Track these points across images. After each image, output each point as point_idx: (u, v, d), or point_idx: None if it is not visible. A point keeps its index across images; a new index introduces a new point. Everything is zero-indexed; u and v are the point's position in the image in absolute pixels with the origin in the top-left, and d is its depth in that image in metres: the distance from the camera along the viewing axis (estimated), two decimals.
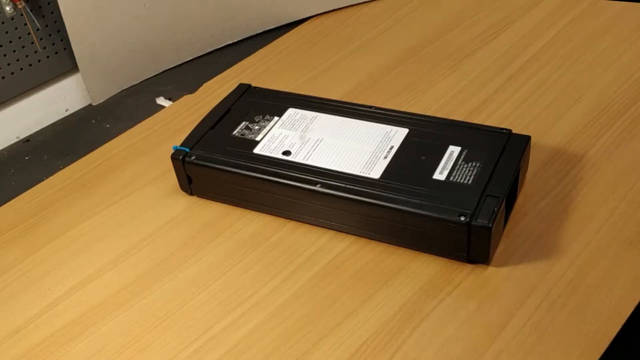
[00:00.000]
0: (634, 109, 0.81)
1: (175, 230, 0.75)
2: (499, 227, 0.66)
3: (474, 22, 1.01)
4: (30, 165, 0.90)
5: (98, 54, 0.96)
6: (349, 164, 0.71)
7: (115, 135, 0.92)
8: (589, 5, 1.00)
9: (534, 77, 0.89)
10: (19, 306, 0.70)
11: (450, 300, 0.64)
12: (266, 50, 1.03)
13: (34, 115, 0.96)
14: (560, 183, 0.74)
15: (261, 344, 0.62)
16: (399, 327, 0.62)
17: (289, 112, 0.80)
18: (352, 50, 1.00)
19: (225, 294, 0.67)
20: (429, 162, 0.70)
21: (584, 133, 0.79)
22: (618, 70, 0.88)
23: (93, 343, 0.65)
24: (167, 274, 0.70)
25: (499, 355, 0.59)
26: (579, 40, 0.94)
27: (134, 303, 0.68)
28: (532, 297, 0.63)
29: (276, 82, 0.94)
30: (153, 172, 0.84)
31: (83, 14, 0.93)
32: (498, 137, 0.72)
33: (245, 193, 0.74)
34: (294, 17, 1.08)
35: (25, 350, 0.65)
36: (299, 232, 0.73)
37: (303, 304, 0.65)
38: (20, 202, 0.83)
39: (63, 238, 0.77)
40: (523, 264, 0.66)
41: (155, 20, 0.99)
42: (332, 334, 0.62)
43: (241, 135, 0.77)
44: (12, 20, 0.90)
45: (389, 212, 0.67)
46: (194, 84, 0.99)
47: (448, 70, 0.93)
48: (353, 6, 1.09)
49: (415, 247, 0.68)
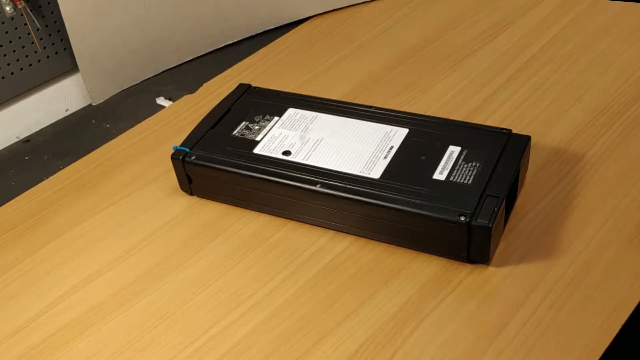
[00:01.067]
0: (634, 109, 0.81)
1: (175, 230, 0.75)
2: (499, 227, 0.66)
3: (474, 22, 1.01)
4: (30, 165, 0.90)
5: (98, 54, 0.96)
6: (349, 164, 0.71)
7: (115, 135, 0.92)
8: (589, 5, 1.00)
9: (534, 77, 0.89)
10: (19, 306, 0.70)
11: (450, 300, 0.64)
12: (266, 50, 1.03)
13: (34, 115, 0.96)
14: (560, 183, 0.74)
15: (261, 344, 0.62)
16: (399, 327, 0.62)
17: (289, 112, 0.80)
18: (352, 50, 1.00)
19: (225, 294, 0.67)
20: (429, 162, 0.70)
21: (584, 133, 0.79)
22: (618, 70, 0.88)
23: (93, 343, 0.65)
24: (167, 274, 0.70)
25: (499, 355, 0.59)
26: (579, 40, 0.94)
27: (134, 303, 0.68)
28: (532, 297, 0.63)
29: (276, 82, 0.94)
30: (153, 172, 0.84)
31: (83, 14, 0.93)
32: (498, 137, 0.72)
33: (245, 193, 0.74)
34: (294, 17, 1.08)
35: (25, 350, 0.65)
36: (299, 232, 0.73)
37: (303, 304, 0.65)
38: (20, 202, 0.83)
39: (63, 238, 0.77)
40: (523, 264, 0.66)
41: (155, 20, 0.99)
42: (332, 334, 0.62)
43: (241, 135, 0.77)
44: (12, 20, 0.89)
45: (389, 212, 0.67)
46: (194, 84, 0.99)
47: (448, 70, 0.92)
48: (353, 6, 1.09)
49: (415, 247, 0.68)
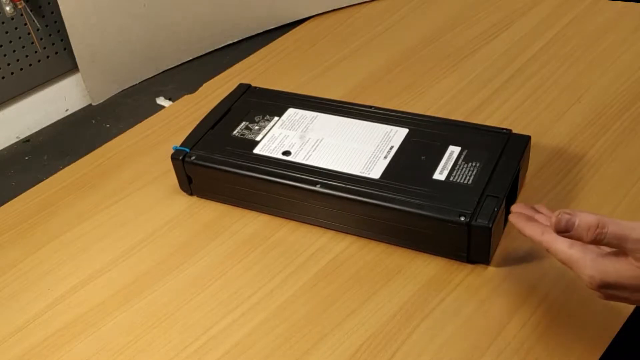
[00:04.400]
0: (634, 109, 0.81)
1: (175, 230, 0.75)
2: (499, 227, 0.66)
3: (474, 22, 1.01)
4: (30, 165, 0.90)
5: (98, 54, 0.96)
6: (348, 164, 0.71)
7: (115, 135, 0.92)
8: (589, 5, 1.00)
9: (534, 77, 0.89)
10: (19, 306, 0.70)
11: (450, 300, 0.64)
12: (266, 50, 1.03)
13: (34, 115, 0.96)
14: (560, 183, 0.74)
15: (261, 344, 0.62)
16: (399, 327, 0.62)
17: (289, 112, 0.80)
18: (352, 50, 1.00)
19: (225, 294, 0.67)
20: (429, 162, 0.70)
21: (584, 133, 0.79)
22: (618, 70, 0.88)
23: (93, 343, 0.65)
24: (167, 274, 0.70)
25: (499, 355, 0.59)
26: (579, 40, 0.94)
27: (134, 303, 0.68)
28: (532, 297, 0.63)
29: (276, 82, 0.94)
30: (153, 172, 0.83)
31: (83, 14, 0.93)
32: (498, 137, 0.72)
33: (245, 193, 0.74)
34: (294, 17, 1.08)
35: (25, 350, 0.65)
36: (299, 232, 0.73)
37: (303, 304, 0.65)
38: (20, 202, 0.83)
39: (63, 238, 0.77)
40: (523, 264, 0.66)
41: (155, 20, 0.99)
42: (332, 334, 0.62)
43: (241, 135, 0.77)
44: (12, 20, 0.89)
45: (389, 212, 0.67)
46: (194, 84, 0.99)
47: (448, 70, 0.92)
48: (353, 6, 1.09)
49: (415, 247, 0.68)
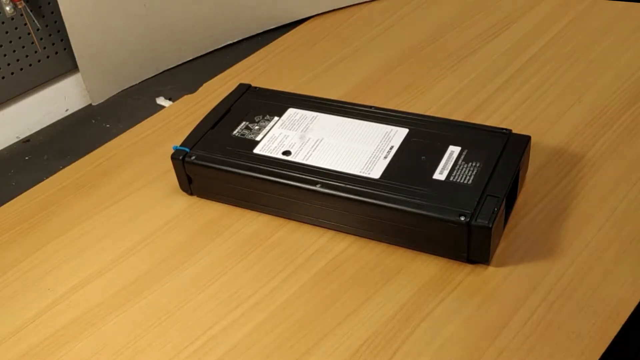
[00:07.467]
0: (634, 109, 0.81)
1: (175, 230, 0.75)
2: (499, 227, 0.66)
3: (474, 22, 1.01)
4: (30, 165, 0.90)
5: (98, 54, 0.96)
6: (349, 164, 0.71)
7: (115, 135, 0.92)
8: (589, 5, 1.00)
9: (534, 77, 0.89)
10: (19, 306, 0.70)
11: (450, 300, 0.64)
12: (266, 50, 1.03)
13: (34, 115, 0.96)
14: (560, 183, 0.74)
15: (261, 344, 0.62)
16: (399, 327, 0.62)
17: (289, 112, 0.80)
18: (352, 50, 1.00)
19: (225, 294, 0.67)
20: (429, 162, 0.70)
21: (584, 133, 0.79)
22: (618, 70, 0.88)
23: (93, 343, 0.65)
24: (167, 274, 0.70)
25: (499, 355, 0.58)
26: (579, 40, 0.94)
27: (134, 303, 0.68)
28: (532, 297, 0.63)
29: (276, 82, 0.94)
30: (153, 172, 0.83)
31: (83, 14, 0.93)
32: (498, 137, 0.72)
33: (245, 193, 0.74)
34: (294, 17, 1.08)
35: (25, 350, 0.65)
36: (299, 232, 0.73)
37: (303, 304, 0.65)
38: (20, 202, 0.83)
39: (63, 238, 0.77)
40: (523, 264, 0.66)
41: (155, 20, 0.99)
42: (332, 334, 0.62)
43: (241, 135, 0.77)
44: (12, 20, 0.89)
45: (389, 212, 0.67)
46: (194, 84, 0.98)
47: (448, 70, 0.92)
48: (353, 6, 1.09)
49: (415, 247, 0.68)
